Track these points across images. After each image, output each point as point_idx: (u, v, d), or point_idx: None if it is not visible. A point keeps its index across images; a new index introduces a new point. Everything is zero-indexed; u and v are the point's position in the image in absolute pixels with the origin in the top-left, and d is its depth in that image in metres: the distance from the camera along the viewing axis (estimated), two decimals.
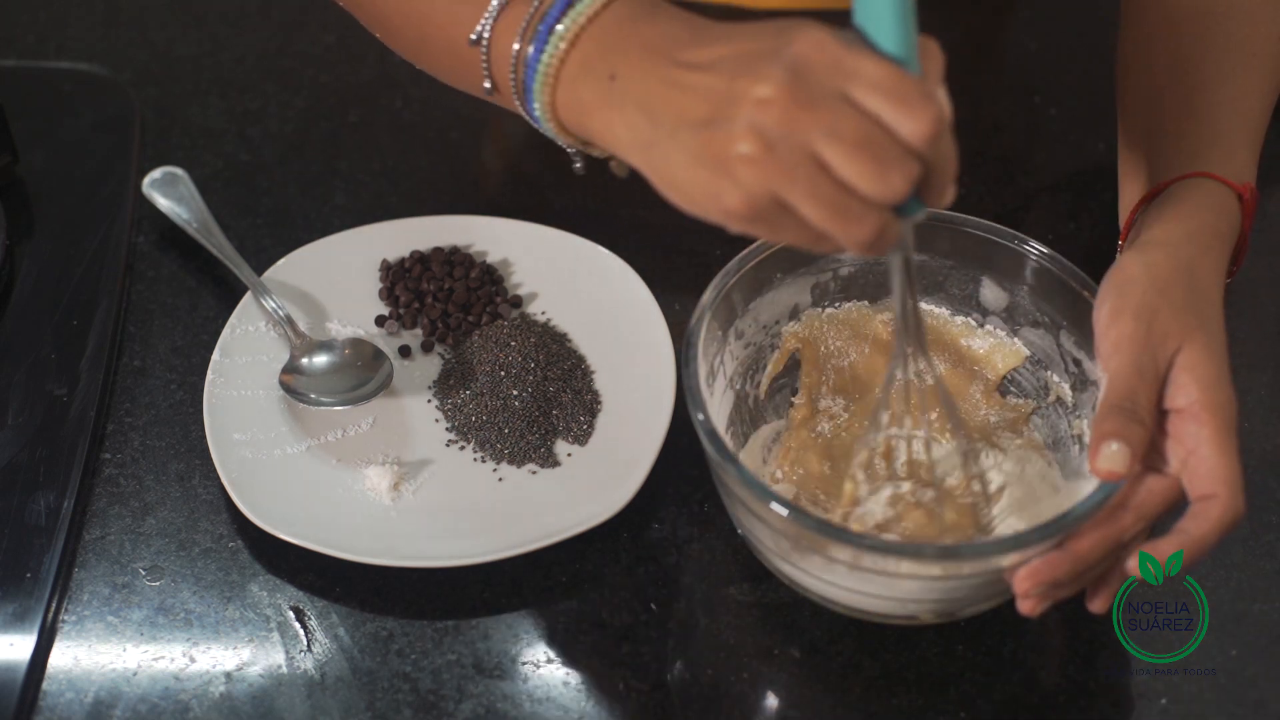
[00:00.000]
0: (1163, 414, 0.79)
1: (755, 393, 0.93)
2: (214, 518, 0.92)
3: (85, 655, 0.86)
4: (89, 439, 0.95)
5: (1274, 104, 0.93)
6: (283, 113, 1.18)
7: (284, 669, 0.86)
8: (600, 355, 0.99)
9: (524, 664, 0.86)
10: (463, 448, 0.95)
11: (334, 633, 0.87)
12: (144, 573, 0.90)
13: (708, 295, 0.87)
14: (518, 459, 0.94)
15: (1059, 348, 0.90)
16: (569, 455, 0.94)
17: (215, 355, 0.97)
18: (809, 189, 0.68)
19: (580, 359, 0.99)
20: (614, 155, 0.77)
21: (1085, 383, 0.89)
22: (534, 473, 0.93)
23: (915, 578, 0.79)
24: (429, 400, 0.98)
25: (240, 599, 0.89)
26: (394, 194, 1.13)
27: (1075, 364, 0.89)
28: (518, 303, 1.03)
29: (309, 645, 0.87)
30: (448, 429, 0.96)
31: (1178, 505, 0.78)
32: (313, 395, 0.95)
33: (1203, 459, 0.77)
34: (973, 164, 0.72)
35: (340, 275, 1.03)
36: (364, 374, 0.97)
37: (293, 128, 1.17)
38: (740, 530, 0.87)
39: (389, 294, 1.03)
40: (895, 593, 0.81)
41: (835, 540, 0.78)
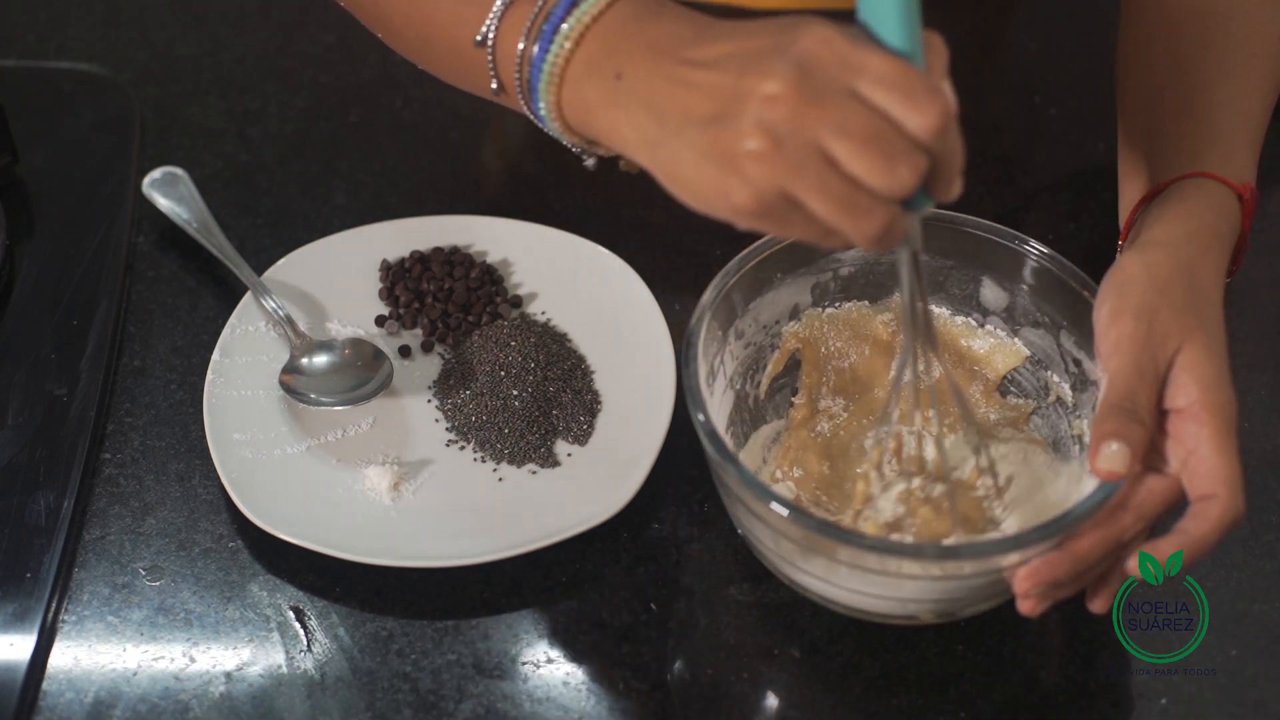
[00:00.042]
0: (1163, 414, 0.79)
1: (755, 393, 0.93)
2: (214, 518, 0.92)
3: (85, 655, 0.86)
4: (89, 439, 0.95)
5: (1274, 104, 0.93)
6: (283, 113, 1.18)
7: (284, 669, 0.86)
8: (600, 355, 0.99)
9: (524, 664, 0.86)
10: (463, 448, 0.95)
11: (334, 633, 0.87)
12: (144, 573, 0.90)
13: (708, 295, 0.87)
14: (518, 459, 0.94)
15: (1059, 348, 0.90)
16: (569, 455, 0.94)
17: (215, 355, 0.97)
18: (817, 184, 0.68)
19: (580, 359, 0.99)
20: (621, 154, 0.77)
21: (1085, 383, 0.89)
22: (534, 473, 0.93)
23: (916, 578, 0.79)
24: (429, 400, 0.98)
25: (240, 599, 0.89)
26: (394, 194, 1.13)
27: (1075, 364, 0.89)
28: (518, 303, 1.03)
29: (309, 645, 0.87)
30: (448, 429, 0.96)
31: (1178, 505, 0.78)
32: (313, 395, 0.95)
33: (1203, 459, 0.77)
34: (973, 164, 0.72)
35: (340, 275, 1.03)
36: (364, 374, 0.97)
37: (293, 128, 1.17)
38: (740, 530, 0.87)
39: (389, 294, 1.03)
40: (895, 593, 0.81)
41: (835, 540, 0.78)
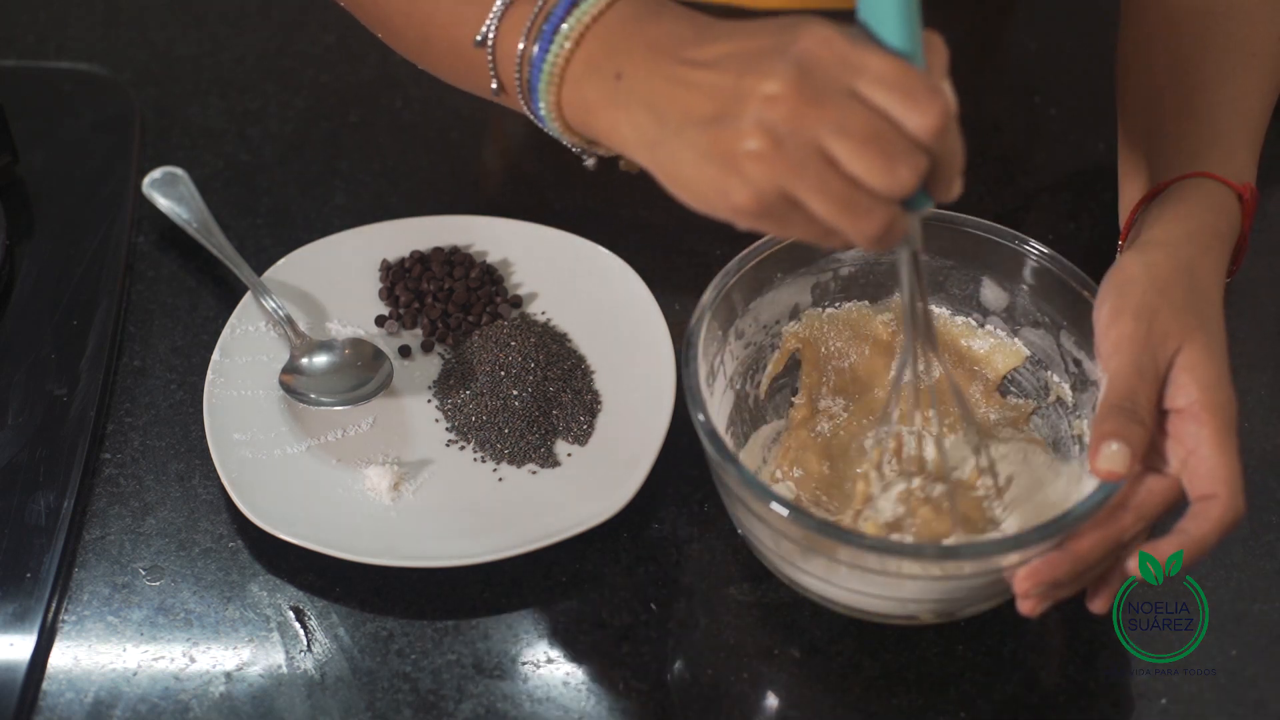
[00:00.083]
0: (1163, 414, 0.79)
1: (755, 393, 0.93)
2: (214, 518, 0.92)
3: (85, 655, 0.86)
4: (89, 439, 0.95)
5: (1274, 104, 0.93)
6: (283, 113, 1.18)
7: (284, 669, 0.86)
8: (600, 355, 0.99)
9: (524, 664, 0.86)
10: (463, 448, 0.95)
11: (334, 633, 0.87)
12: (144, 573, 0.90)
13: (708, 295, 0.87)
14: (518, 459, 0.94)
15: (1059, 348, 0.90)
16: (569, 455, 0.94)
17: (215, 355, 0.97)
18: (817, 184, 0.68)
19: (580, 359, 0.99)
20: (621, 154, 0.77)
21: (1085, 383, 0.89)
22: (534, 473, 0.93)
23: (916, 578, 0.79)
24: (429, 400, 0.98)
25: (240, 599, 0.89)
26: (394, 194, 1.13)
27: (1075, 364, 0.89)
28: (518, 303, 1.03)
29: (309, 645, 0.87)
30: (448, 429, 0.96)
31: (1178, 505, 0.78)
32: (313, 395, 0.95)
33: (1203, 459, 0.77)
34: (973, 164, 0.72)
35: (340, 275, 1.03)
36: (364, 374, 0.97)
37: (293, 128, 1.17)
38: (740, 530, 0.87)
39: (389, 294, 1.03)
40: (895, 593, 0.81)
41: (835, 540, 0.78)
